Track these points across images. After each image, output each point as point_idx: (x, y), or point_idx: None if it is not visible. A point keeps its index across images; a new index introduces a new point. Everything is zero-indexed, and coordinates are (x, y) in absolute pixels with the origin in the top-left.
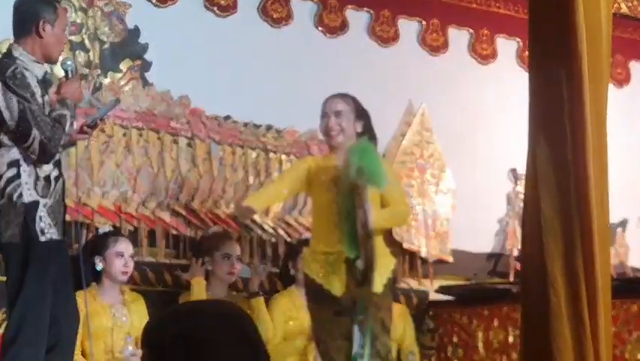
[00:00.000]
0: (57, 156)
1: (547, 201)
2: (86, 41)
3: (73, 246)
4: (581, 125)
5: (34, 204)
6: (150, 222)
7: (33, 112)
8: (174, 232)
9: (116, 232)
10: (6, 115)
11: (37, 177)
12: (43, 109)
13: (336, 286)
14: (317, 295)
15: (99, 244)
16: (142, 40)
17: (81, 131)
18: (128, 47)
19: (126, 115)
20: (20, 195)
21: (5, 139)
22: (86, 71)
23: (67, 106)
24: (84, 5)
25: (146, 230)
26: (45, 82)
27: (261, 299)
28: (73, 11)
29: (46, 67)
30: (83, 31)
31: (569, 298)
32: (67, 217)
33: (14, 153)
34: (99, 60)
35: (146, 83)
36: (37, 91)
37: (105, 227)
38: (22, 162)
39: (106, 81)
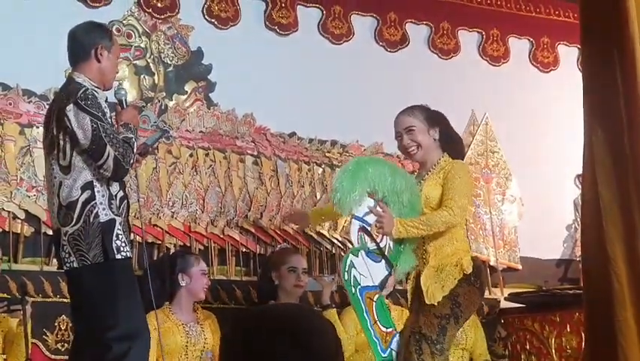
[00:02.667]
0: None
1: (606, 185)
2: (151, 65)
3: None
4: (636, 109)
5: (112, 222)
6: (220, 240)
7: (106, 130)
8: (244, 250)
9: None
10: (79, 135)
11: (110, 196)
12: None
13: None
14: None
15: (183, 262)
16: (205, 61)
17: None
18: (192, 69)
19: (192, 136)
20: (97, 215)
21: (77, 160)
22: (151, 94)
23: (132, 130)
24: (147, 30)
25: (216, 248)
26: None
27: (334, 311)
28: (137, 36)
29: (106, 94)
30: (147, 55)
31: (631, 283)
32: (138, 238)
33: (87, 175)
34: (164, 83)
35: (210, 103)
36: (107, 112)
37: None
38: (95, 182)
39: (171, 103)
